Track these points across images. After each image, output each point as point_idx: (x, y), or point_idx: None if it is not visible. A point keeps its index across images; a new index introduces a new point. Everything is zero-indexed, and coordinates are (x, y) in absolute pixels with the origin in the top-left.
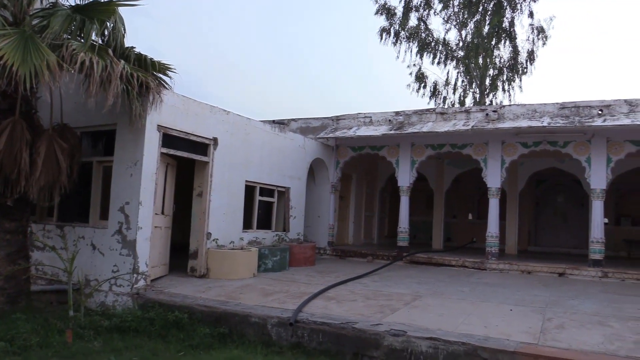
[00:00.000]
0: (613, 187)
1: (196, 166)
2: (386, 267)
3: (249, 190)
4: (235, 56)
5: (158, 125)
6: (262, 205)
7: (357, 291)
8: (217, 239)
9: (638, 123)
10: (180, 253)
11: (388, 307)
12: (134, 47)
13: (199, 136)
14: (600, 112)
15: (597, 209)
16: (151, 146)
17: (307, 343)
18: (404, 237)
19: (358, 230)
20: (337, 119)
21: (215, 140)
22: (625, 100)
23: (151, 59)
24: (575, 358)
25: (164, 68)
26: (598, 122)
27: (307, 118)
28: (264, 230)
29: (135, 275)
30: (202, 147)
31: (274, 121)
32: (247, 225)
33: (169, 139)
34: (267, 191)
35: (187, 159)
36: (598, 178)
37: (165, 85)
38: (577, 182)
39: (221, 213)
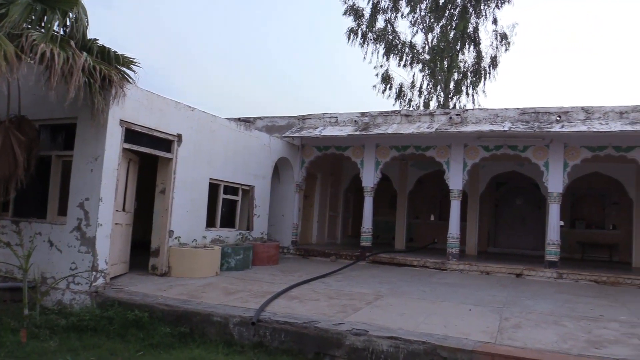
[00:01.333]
0: (569, 191)
1: (159, 163)
2: (349, 266)
3: (213, 188)
4: (200, 53)
5: (121, 120)
6: (226, 203)
7: (320, 290)
8: (179, 237)
9: (594, 130)
10: (142, 251)
11: (350, 307)
12: (97, 40)
13: (163, 132)
14: (558, 118)
15: (554, 212)
16: (113, 141)
17: (269, 342)
18: (367, 237)
19: (322, 229)
20: (303, 118)
21: (179, 136)
22: (582, 108)
23: (115, 52)
24: (530, 357)
25: (128, 62)
26: (556, 127)
27: (273, 117)
28: (227, 228)
29: (94, 273)
30: (165, 143)
31: (239, 119)
32: (210, 223)
33: (132, 135)
34: (231, 189)
35: (150, 155)
36: (555, 182)
37: (129, 79)
38: (535, 185)
39: (184, 211)
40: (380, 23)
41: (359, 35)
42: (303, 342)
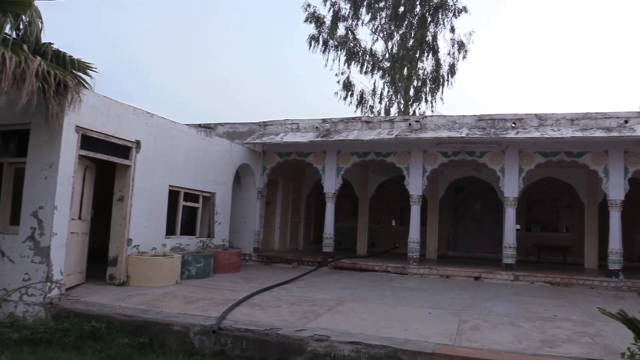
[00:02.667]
0: (524, 196)
1: (117, 170)
2: (311, 272)
3: (173, 195)
4: (158, 58)
5: (77, 126)
6: (186, 210)
7: (282, 297)
8: (138, 245)
9: (547, 136)
10: (99, 260)
11: (312, 313)
12: (52, 44)
13: (121, 138)
14: (513, 125)
15: (510, 215)
16: (68, 148)
17: (231, 350)
18: (329, 243)
19: (284, 236)
20: (265, 124)
21: (138, 143)
22: (536, 115)
23: (70, 56)
24: (487, 357)
25: (84, 66)
26: (511, 134)
27: (234, 123)
28: (188, 236)
29: (48, 284)
30: (124, 150)
31: (200, 125)
32: (170, 231)
33: (88, 141)
34: (191, 196)
35: (107, 162)
36: (511, 187)
37: (85, 84)
38: (492, 190)
39: (143, 218)
40: (341, 30)
41: (320, 42)
42: (265, 350)
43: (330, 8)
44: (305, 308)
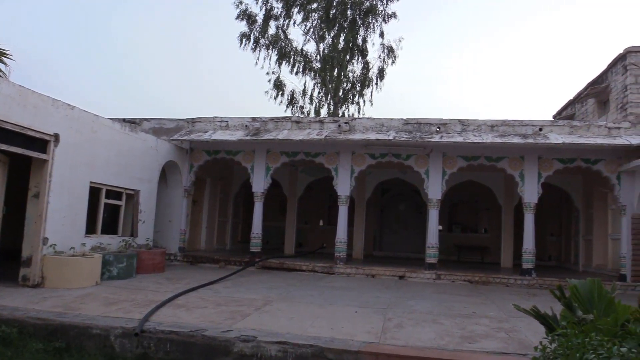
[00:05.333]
0: (447, 198)
1: (33, 164)
2: (238, 272)
3: (94, 192)
4: (83, 49)
5: None
6: (108, 208)
7: (208, 298)
8: (55, 245)
9: (469, 141)
10: (12, 261)
11: (239, 313)
12: None
13: (38, 131)
14: (438, 129)
15: (433, 217)
16: None
17: (154, 353)
18: (257, 243)
19: (211, 235)
20: (193, 121)
21: (56, 136)
22: (459, 120)
23: None
24: (411, 354)
25: None
26: (436, 138)
27: (160, 118)
28: (109, 235)
29: None
30: (40, 143)
31: (124, 119)
32: (90, 229)
33: (2, 133)
34: (114, 194)
35: (23, 156)
36: (435, 189)
37: None
38: (417, 192)
39: (61, 216)
40: (272, 29)
41: (252, 40)
42: (190, 352)
43: (262, 6)
44: (232, 308)
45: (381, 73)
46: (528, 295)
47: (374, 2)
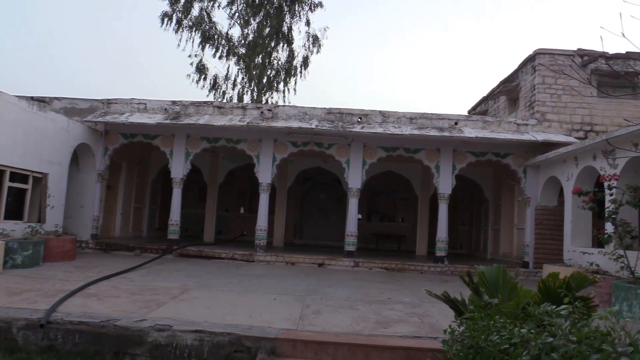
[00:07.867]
0: (366, 187)
1: None
2: (155, 260)
3: None
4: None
5: None
6: (12, 192)
7: (121, 287)
8: None
9: (389, 132)
10: None
11: (154, 302)
12: None
13: None
14: (359, 119)
15: (353, 206)
16: None
17: (61, 345)
18: (175, 230)
19: (126, 222)
20: (109, 102)
21: None
22: (380, 112)
23: None
24: (328, 340)
25: None
26: (357, 128)
27: (73, 98)
28: (14, 221)
29: None
30: None
31: (32, 98)
32: None
33: None
34: (19, 177)
35: None
36: (355, 178)
37: None
38: (337, 181)
39: None
40: (196, 11)
41: (174, 20)
42: (100, 343)
43: None
44: (146, 297)
45: (306, 61)
46: (441, 281)
47: None
